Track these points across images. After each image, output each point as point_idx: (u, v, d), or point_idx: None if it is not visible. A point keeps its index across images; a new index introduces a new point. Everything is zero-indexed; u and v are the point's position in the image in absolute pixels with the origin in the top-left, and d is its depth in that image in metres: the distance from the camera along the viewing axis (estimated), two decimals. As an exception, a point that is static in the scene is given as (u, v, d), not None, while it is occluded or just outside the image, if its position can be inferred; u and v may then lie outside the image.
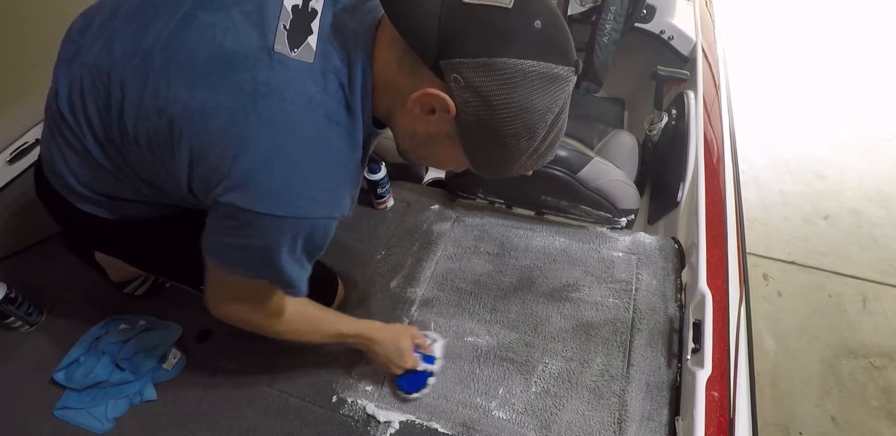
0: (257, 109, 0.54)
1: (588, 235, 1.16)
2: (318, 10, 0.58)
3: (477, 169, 0.64)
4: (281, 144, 0.54)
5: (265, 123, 0.54)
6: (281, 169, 0.55)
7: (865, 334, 1.65)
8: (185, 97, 0.55)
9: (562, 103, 0.56)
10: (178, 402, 0.92)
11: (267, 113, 0.54)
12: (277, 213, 0.55)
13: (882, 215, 2.04)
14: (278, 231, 0.58)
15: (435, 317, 1.02)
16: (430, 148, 0.64)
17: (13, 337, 1.01)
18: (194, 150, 0.56)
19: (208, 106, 0.54)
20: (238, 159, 0.54)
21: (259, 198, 0.55)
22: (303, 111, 0.55)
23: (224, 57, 0.55)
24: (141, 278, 1.07)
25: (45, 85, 0.67)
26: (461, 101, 0.54)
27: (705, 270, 0.92)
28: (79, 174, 0.68)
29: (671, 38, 1.54)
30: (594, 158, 1.15)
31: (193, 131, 0.55)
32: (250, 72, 0.54)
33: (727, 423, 0.75)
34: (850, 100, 2.66)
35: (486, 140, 0.58)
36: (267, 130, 0.54)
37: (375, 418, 0.87)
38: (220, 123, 0.54)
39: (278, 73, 0.54)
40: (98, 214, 0.72)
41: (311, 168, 0.56)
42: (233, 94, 0.54)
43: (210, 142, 0.55)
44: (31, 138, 1.35)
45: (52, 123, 0.66)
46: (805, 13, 3.39)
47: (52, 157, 0.69)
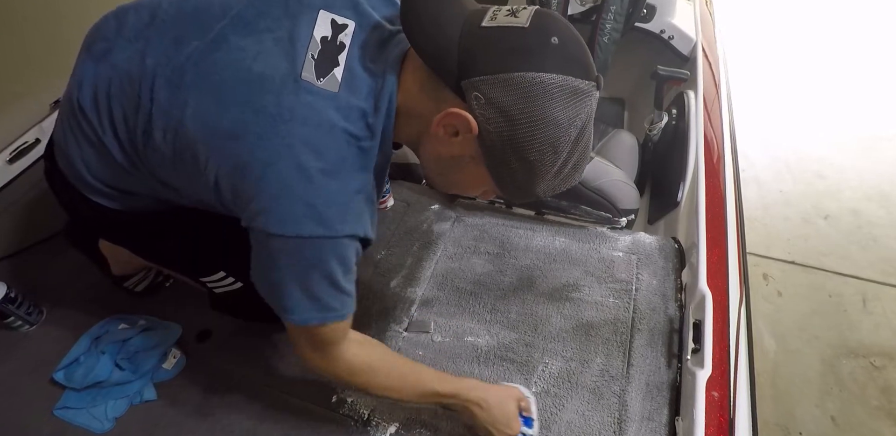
0: (280, 133, 0.55)
1: (588, 235, 1.16)
2: (346, 43, 0.60)
3: (503, 191, 0.64)
4: (303, 167, 0.56)
5: (287, 147, 0.55)
6: (303, 191, 0.56)
7: (865, 333, 1.65)
8: (214, 118, 0.57)
9: (585, 118, 0.57)
10: (178, 402, 0.92)
11: (289, 138, 0.55)
12: (303, 234, 0.57)
13: (882, 215, 2.04)
14: (308, 253, 0.58)
15: (435, 317, 1.02)
16: (456, 172, 0.65)
17: (13, 337, 1.01)
18: (221, 170, 0.58)
19: (237, 129, 0.56)
20: (261, 182, 0.56)
21: (283, 220, 0.56)
22: (325, 136, 0.57)
23: (253, 81, 0.57)
24: (142, 273, 1.07)
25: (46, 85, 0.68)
26: (483, 120, 0.55)
27: (705, 270, 0.91)
28: (92, 166, 0.69)
29: (671, 37, 1.54)
30: (594, 158, 1.15)
31: (221, 153, 0.57)
32: (276, 96, 0.56)
33: (727, 423, 0.75)
34: (850, 99, 2.66)
35: (511, 158, 0.58)
36: (289, 154, 0.55)
37: (375, 418, 0.87)
38: (246, 145, 0.56)
39: (301, 98, 0.56)
40: (106, 204, 0.73)
41: (332, 190, 0.57)
42: (258, 117, 0.56)
43: (236, 164, 0.57)
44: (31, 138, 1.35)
45: (70, 115, 0.67)
46: (805, 13, 3.39)
47: (66, 146, 0.70)
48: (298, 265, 0.59)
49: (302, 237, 0.57)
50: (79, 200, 0.73)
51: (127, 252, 1.01)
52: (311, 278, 0.60)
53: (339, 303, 0.64)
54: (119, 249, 1.02)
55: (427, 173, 0.71)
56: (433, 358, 0.95)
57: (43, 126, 1.37)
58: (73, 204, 0.76)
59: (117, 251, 1.02)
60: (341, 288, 0.63)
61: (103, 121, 0.64)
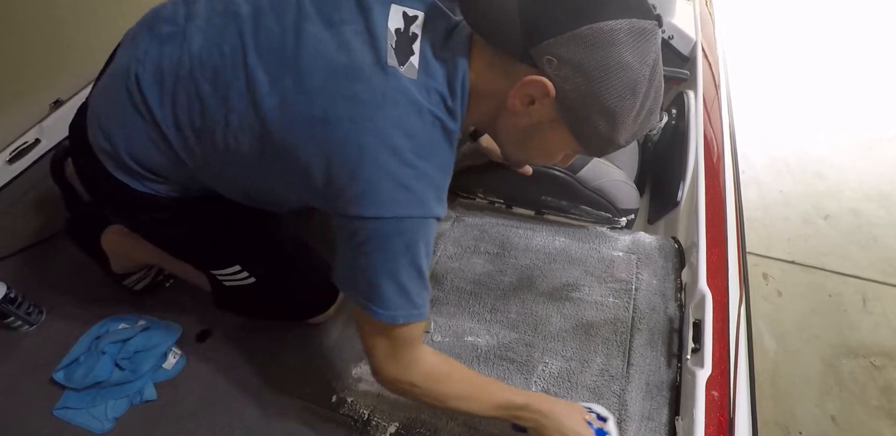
0: (373, 117, 0.57)
1: (588, 235, 1.16)
2: (418, 34, 0.62)
3: (587, 147, 0.66)
4: (397, 149, 0.57)
5: (380, 130, 0.57)
6: (398, 173, 0.58)
7: (865, 333, 1.65)
8: (302, 106, 0.58)
9: (654, 57, 0.59)
10: (178, 402, 0.92)
11: (382, 121, 0.57)
12: (399, 214, 0.58)
13: (882, 215, 2.04)
14: (402, 236, 0.60)
15: (435, 317, 1.02)
16: (536, 141, 0.67)
17: (13, 337, 1.01)
18: (313, 158, 0.59)
19: (328, 115, 0.57)
20: (356, 167, 0.57)
21: (379, 202, 0.58)
22: (415, 118, 0.59)
23: (339, 70, 0.58)
24: (142, 272, 1.07)
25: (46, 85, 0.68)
26: (559, 80, 0.57)
27: (705, 270, 0.91)
28: (133, 143, 0.70)
29: (671, 37, 1.54)
30: (594, 158, 1.15)
31: (311, 140, 0.58)
32: (367, 82, 0.58)
33: (727, 423, 0.75)
34: (850, 99, 2.66)
35: (592, 112, 0.59)
36: (382, 137, 0.57)
37: (375, 418, 0.87)
38: (339, 130, 0.57)
39: (391, 83, 0.58)
40: (131, 184, 0.74)
41: (424, 170, 0.60)
42: (351, 103, 0.57)
43: (328, 150, 0.58)
44: (31, 138, 1.35)
45: (121, 88, 0.68)
46: (805, 13, 3.39)
47: (108, 118, 0.70)
48: (391, 251, 0.60)
49: (398, 218, 0.58)
50: (103, 177, 0.74)
51: (128, 249, 1.02)
52: (400, 267, 0.61)
53: (422, 299, 0.66)
54: (121, 246, 1.03)
55: (507, 151, 0.72)
56: (433, 358, 0.95)
57: (43, 126, 1.37)
58: (95, 181, 0.76)
59: (119, 248, 1.03)
60: (424, 279, 0.65)
61: (165, 102, 0.65)
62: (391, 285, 0.62)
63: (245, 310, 0.98)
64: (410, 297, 0.64)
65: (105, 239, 1.03)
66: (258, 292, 0.91)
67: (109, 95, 0.71)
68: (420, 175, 0.59)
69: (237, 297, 0.94)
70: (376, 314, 0.64)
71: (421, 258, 0.62)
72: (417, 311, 0.65)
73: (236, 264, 0.86)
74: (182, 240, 0.85)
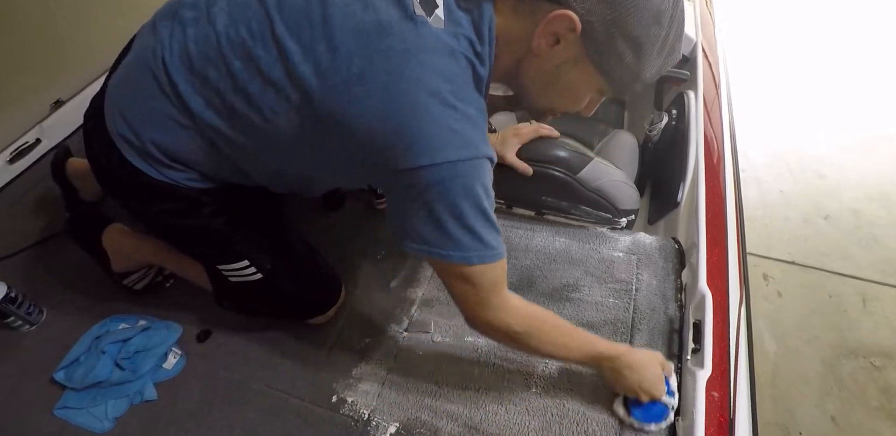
0: (410, 65, 0.57)
1: (588, 236, 1.16)
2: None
3: (613, 83, 0.66)
4: (438, 93, 0.58)
5: (419, 77, 0.57)
6: (444, 117, 0.58)
7: (865, 333, 1.65)
8: (341, 69, 0.58)
9: None
10: (178, 402, 0.92)
11: (419, 67, 0.57)
12: (451, 158, 0.58)
13: (883, 215, 2.04)
14: (459, 178, 0.60)
15: (435, 317, 1.02)
16: (562, 82, 0.67)
17: (13, 337, 1.01)
18: (358, 119, 0.59)
19: (365, 72, 0.57)
20: (401, 117, 0.57)
21: (430, 149, 0.58)
22: (450, 61, 0.59)
23: (371, 30, 0.58)
24: (142, 271, 1.07)
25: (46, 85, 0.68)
26: (584, 13, 0.57)
27: (705, 270, 0.91)
28: (159, 129, 0.70)
29: (671, 37, 1.54)
30: (594, 159, 1.15)
31: (355, 100, 0.58)
32: (398, 36, 0.58)
33: (727, 423, 0.75)
34: (850, 99, 2.66)
35: (618, 43, 0.60)
36: (422, 84, 0.58)
37: (375, 419, 0.87)
38: (379, 86, 0.57)
39: (423, 32, 0.58)
40: (146, 170, 0.74)
41: (467, 113, 0.60)
42: (387, 56, 0.57)
43: (373, 108, 0.58)
44: (32, 138, 1.35)
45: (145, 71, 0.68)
46: (805, 13, 3.39)
47: (131, 105, 0.71)
48: (450, 195, 0.61)
49: (451, 162, 0.59)
50: (118, 165, 0.74)
51: (129, 248, 1.02)
52: (464, 210, 0.62)
53: (493, 240, 0.66)
54: (121, 245, 1.03)
55: (531, 99, 0.73)
56: (433, 358, 0.95)
57: (43, 126, 1.37)
58: (109, 169, 0.77)
59: (119, 247, 1.03)
60: (492, 221, 0.65)
61: (195, 84, 0.66)
62: (458, 228, 0.63)
63: (247, 308, 0.98)
64: (480, 237, 0.65)
65: (105, 238, 1.03)
66: (263, 289, 0.91)
67: (133, 83, 0.71)
68: (464, 117, 0.60)
69: (240, 294, 0.94)
70: (450, 257, 0.65)
71: (482, 200, 0.63)
72: (491, 251, 0.66)
73: (245, 259, 0.86)
74: (193, 232, 0.85)
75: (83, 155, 1.21)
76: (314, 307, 0.98)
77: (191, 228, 0.83)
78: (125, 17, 1.39)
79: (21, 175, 1.33)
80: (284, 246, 0.93)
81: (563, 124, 1.38)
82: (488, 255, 0.66)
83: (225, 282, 0.91)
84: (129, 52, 0.75)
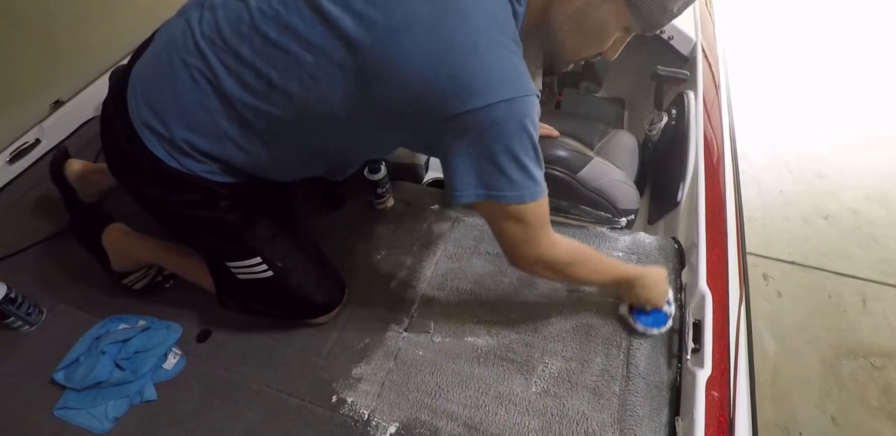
0: (454, 7, 0.58)
1: (588, 235, 1.16)
2: None
3: (642, 16, 0.67)
4: (488, 32, 0.59)
5: (465, 17, 0.58)
6: (497, 56, 0.60)
7: (865, 334, 1.65)
8: (383, 19, 0.59)
9: None
10: (178, 402, 0.92)
11: (464, 9, 0.58)
12: (506, 96, 0.59)
13: (882, 215, 2.04)
14: (515, 116, 0.61)
15: (435, 317, 1.02)
16: (592, 20, 0.69)
17: (13, 337, 1.01)
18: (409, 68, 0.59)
19: (411, 19, 0.58)
20: (456, 61, 0.58)
21: (488, 89, 0.59)
22: (493, 1, 0.61)
23: None
24: (142, 271, 1.07)
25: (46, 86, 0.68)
26: None
27: (705, 270, 0.92)
28: (189, 116, 0.70)
29: (671, 38, 1.54)
30: (594, 159, 1.15)
31: (403, 49, 0.59)
32: None
33: (727, 423, 0.75)
34: (850, 99, 2.66)
35: None
36: (473, 25, 0.58)
37: (375, 419, 0.87)
38: (426, 32, 0.58)
39: None
40: (166, 160, 0.74)
41: (513, 49, 0.61)
42: (428, 2, 0.58)
43: (424, 54, 0.58)
44: (31, 138, 1.35)
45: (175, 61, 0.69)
46: (805, 13, 3.39)
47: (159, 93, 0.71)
48: (508, 134, 0.62)
49: (506, 100, 0.59)
50: (138, 152, 0.74)
51: (129, 248, 1.02)
52: (520, 147, 0.63)
53: (540, 176, 0.69)
54: (121, 245, 1.03)
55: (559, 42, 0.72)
56: (433, 358, 0.95)
57: (43, 126, 1.37)
58: (130, 157, 0.76)
59: (119, 246, 1.03)
60: (540, 156, 0.68)
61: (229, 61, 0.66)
62: (514, 168, 0.64)
63: (251, 308, 0.97)
64: (531, 174, 0.67)
65: (105, 237, 1.03)
66: (270, 288, 0.91)
67: (162, 73, 0.71)
68: (511, 53, 0.61)
69: (245, 292, 0.94)
70: (506, 199, 0.67)
71: (533, 136, 0.65)
72: (540, 187, 0.69)
73: (258, 256, 0.86)
74: (208, 225, 0.84)
75: (82, 156, 1.22)
76: (320, 307, 0.98)
77: (206, 220, 0.82)
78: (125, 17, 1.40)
79: (21, 175, 1.33)
80: (295, 245, 0.93)
81: (563, 124, 1.38)
82: (538, 191, 0.69)
83: (231, 280, 0.91)
84: (154, 42, 0.75)
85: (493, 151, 0.63)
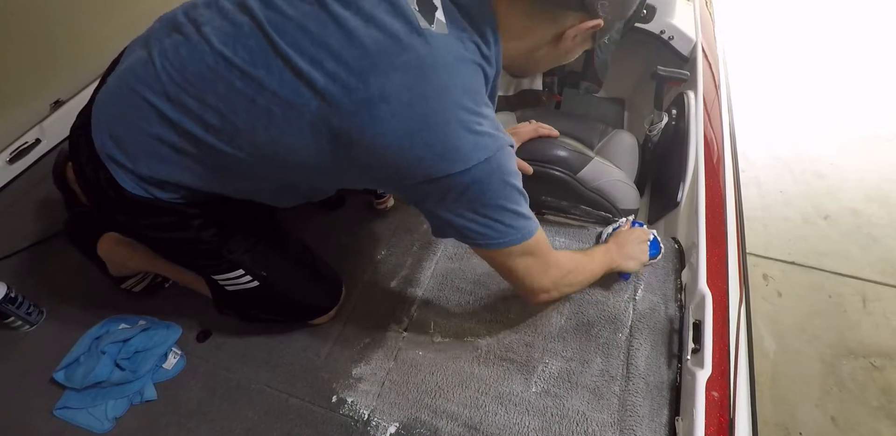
0: (430, 81, 0.59)
1: (588, 235, 1.16)
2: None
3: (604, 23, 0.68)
4: (461, 102, 0.60)
5: (441, 91, 0.59)
6: (472, 123, 0.61)
7: (865, 334, 1.65)
8: (361, 86, 0.58)
9: None
10: (178, 402, 0.92)
11: (439, 81, 0.59)
12: (483, 157, 0.61)
13: (882, 215, 2.04)
14: (495, 172, 0.64)
15: (435, 317, 1.02)
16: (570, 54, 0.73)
17: (13, 337, 1.01)
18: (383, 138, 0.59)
19: (388, 91, 0.58)
20: (432, 132, 0.59)
21: (467, 154, 0.61)
22: (465, 70, 0.62)
23: (380, 45, 0.59)
24: (140, 275, 1.07)
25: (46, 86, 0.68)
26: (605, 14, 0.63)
27: (705, 271, 0.91)
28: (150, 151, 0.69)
29: (671, 38, 1.54)
30: (594, 158, 1.15)
31: (379, 120, 0.59)
32: (412, 51, 0.59)
33: (727, 423, 0.75)
34: (850, 99, 2.66)
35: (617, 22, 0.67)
36: (447, 96, 0.60)
37: (375, 419, 0.87)
38: (403, 104, 0.58)
39: (433, 43, 0.60)
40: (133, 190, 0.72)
41: (485, 114, 0.63)
42: (405, 74, 0.58)
43: (399, 126, 0.59)
44: (31, 138, 1.35)
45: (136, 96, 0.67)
46: (805, 13, 3.39)
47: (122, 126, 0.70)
48: (492, 188, 0.64)
49: (483, 160, 0.61)
50: (104, 181, 0.73)
51: (123, 258, 1.01)
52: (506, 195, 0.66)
53: (531, 213, 0.73)
54: (115, 254, 1.02)
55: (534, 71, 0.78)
56: (433, 358, 0.95)
57: (43, 126, 1.37)
58: (97, 186, 0.75)
59: (114, 256, 1.02)
60: (525, 195, 0.71)
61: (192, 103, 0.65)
62: (507, 214, 0.68)
63: (247, 314, 0.98)
64: (523, 213, 0.70)
65: (100, 247, 1.02)
66: (261, 296, 0.91)
67: (125, 106, 0.69)
68: (485, 119, 0.63)
69: (239, 301, 0.94)
70: (510, 242, 0.70)
71: (516, 180, 0.67)
72: (533, 221, 0.73)
73: (239, 269, 0.86)
74: (184, 245, 0.84)
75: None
76: (314, 310, 0.98)
77: (181, 240, 0.82)
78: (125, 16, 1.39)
79: (21, 175, 1.33)
80: (279, 251, 0.92)
81: (563, 124, 1.38)
82: (534, 225, 0.72)
83: (222, 290, 0.91)
84: (119, 69, 0.73)
85: (482, 206, 0.66)
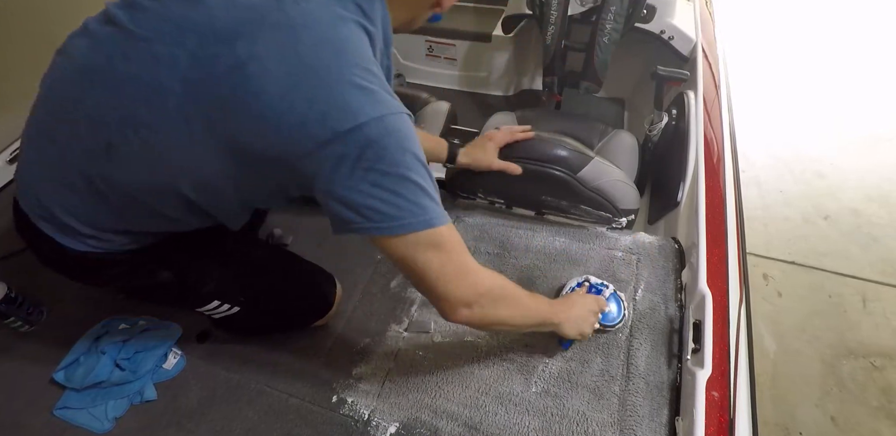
0: (303, 39, 0.55)
1: (588, 235, 1.16)
2: None
3: None
4: (342, 58, 0.56)
5: (316, 43, 0.55)
6: (354, 76, 0.55)
7: (865, 334, 1.65)
8: (227, 52, 0.54)
9: None
10: (177, 402, 0.92)
11: (314, 36, 0.55)
12: (376, 114, 0.55)
13: (882, 215, 2.04)
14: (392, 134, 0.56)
15: (435, 317, 1.02)
16: None
17: (13, 337, 1.01)
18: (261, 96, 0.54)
19: (256, 51, 0.54)
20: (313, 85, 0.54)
21: (354, 110, 0.54)
22: (343, 26, 0.58)
23: (249, 12, 0.56)
24: None
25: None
26: None
27: (705, 270, 0.91)
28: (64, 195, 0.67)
29: (671, 38, 1.54)
30: (594, 158, 1.15)
31: (248, 76, 0.54)
32: (281, 11, 0.55)
33: (727, 423, 0.75)
34: (850, 99, 2.66)
35: None
36: (323, 48, 0.55)
37: (375, 419, 0.87)
38: (274, 60, 0.54)
39: (305, 6, 0.56)
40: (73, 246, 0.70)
41: (371, 70, 0.58)
42: (273, 33, 0.55)
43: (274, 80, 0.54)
44: (31, 138, 1.35)
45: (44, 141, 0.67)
46: (805, 13, 3.39)
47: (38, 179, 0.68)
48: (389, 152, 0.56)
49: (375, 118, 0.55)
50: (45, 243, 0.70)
51: None
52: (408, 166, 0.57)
53: (439, 197, 0.62)
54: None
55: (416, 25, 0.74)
56: (433, 358, 0.95)
57: (43, 126, 1.37)
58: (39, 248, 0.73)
59: None
60: (432, 175, 0.61)
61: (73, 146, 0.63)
62: (410, 186, 0.58)
63: (242, 332, 0.98)
64: (431, 195, 0.60)
65: None
66: (249, 317, 0.91)
67: (35, 155, 0.68)
68: (374, 76, 0.57)
69: (229, 324, 0.94)
70: (414, 226, 0.58)
71: (418, 151, 0.59)
72: (443, 210, 0.62)
73: (214, 300, 0.85)
74: (148, 290, 0.83)
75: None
76: (309, 315, 0.98)
77: (143, 286, 0.81)
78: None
79: (21, 175, 1.33)
80: (251, 271, 0.89)
81: (563, 124, 1.38)
82: (442, 214, 0.61)
83: (211, 318, 0.91)
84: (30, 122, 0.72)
85: (382, 174, 0.56)
